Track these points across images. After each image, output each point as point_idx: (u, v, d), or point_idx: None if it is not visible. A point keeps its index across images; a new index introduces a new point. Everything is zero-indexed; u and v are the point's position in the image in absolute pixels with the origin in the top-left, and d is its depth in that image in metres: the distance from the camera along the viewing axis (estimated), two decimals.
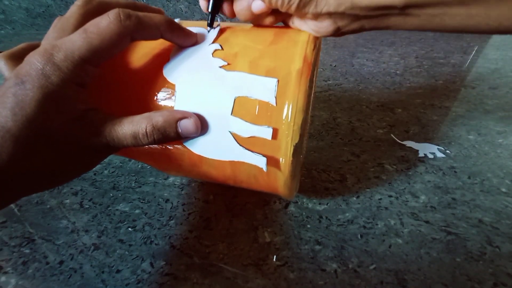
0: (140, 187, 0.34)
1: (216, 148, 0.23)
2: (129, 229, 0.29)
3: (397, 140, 0.42)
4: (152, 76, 0.23)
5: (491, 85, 0.59)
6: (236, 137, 0.22)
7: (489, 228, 0.29)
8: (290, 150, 0.21)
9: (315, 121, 0.47)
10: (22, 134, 0.17)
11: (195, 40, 0.24)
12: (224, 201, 0.32)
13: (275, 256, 0.26)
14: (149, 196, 0.33)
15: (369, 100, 0.54)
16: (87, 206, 0.32)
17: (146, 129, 0.20)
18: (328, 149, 0.41)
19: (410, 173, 0.36)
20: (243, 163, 0.23)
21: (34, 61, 0.18)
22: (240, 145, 0.22)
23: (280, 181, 0.23)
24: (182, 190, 0.34)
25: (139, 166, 0.37)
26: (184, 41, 0.23)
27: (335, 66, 0.71)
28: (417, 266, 0.25)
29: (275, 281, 0.24)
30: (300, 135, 0.21)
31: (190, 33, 0.23)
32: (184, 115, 0.21)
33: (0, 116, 0.17)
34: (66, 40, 0.19)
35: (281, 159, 0.22)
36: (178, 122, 0.21)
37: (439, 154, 0.39)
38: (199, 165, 0.25)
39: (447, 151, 0.40)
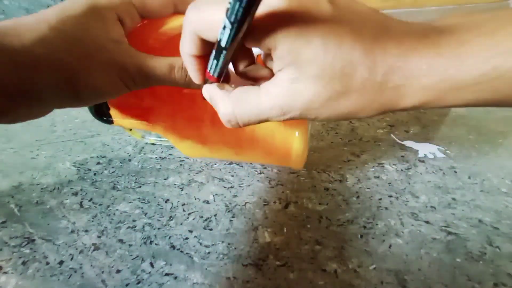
0: (140, 187, 0.34)
1: None
2: (129, 229, 0.29)
3: (397, 140, 0.42)
4: None
5: None
6: None
7: (489, 228, 0.29)
8: None
9: (315, 121, 0.47)
10: (58, 26, 0.20)
11: None
12: (224, 201, 0.32)
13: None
14: (149, 196, 0.33)
15: None
16: (87, 206, 0.32)
17: (182, 64, 0.22)
18: (328, 149, 0.40)
19: (410, 173, 0.36)
20: None
21: None
22: None
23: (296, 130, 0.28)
24: (182, 190, 0.34)
25: (139, 166, 0.37)
26: None
27: None
28: (417, 266, 0.25)
29: (275, 281, 0.24)
30: None
31: None
32: None
33: (44, 14, 0.20)
34: None
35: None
36: None
37: (439, 154, 0.39)
38: (219, 124, 0.26)
39: (447, 151, 0.40)
